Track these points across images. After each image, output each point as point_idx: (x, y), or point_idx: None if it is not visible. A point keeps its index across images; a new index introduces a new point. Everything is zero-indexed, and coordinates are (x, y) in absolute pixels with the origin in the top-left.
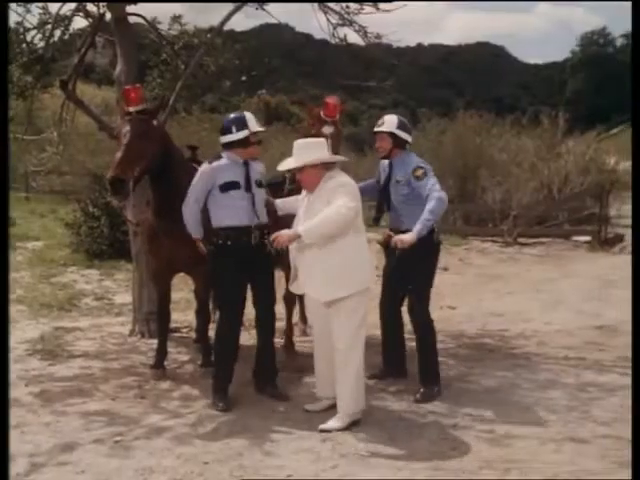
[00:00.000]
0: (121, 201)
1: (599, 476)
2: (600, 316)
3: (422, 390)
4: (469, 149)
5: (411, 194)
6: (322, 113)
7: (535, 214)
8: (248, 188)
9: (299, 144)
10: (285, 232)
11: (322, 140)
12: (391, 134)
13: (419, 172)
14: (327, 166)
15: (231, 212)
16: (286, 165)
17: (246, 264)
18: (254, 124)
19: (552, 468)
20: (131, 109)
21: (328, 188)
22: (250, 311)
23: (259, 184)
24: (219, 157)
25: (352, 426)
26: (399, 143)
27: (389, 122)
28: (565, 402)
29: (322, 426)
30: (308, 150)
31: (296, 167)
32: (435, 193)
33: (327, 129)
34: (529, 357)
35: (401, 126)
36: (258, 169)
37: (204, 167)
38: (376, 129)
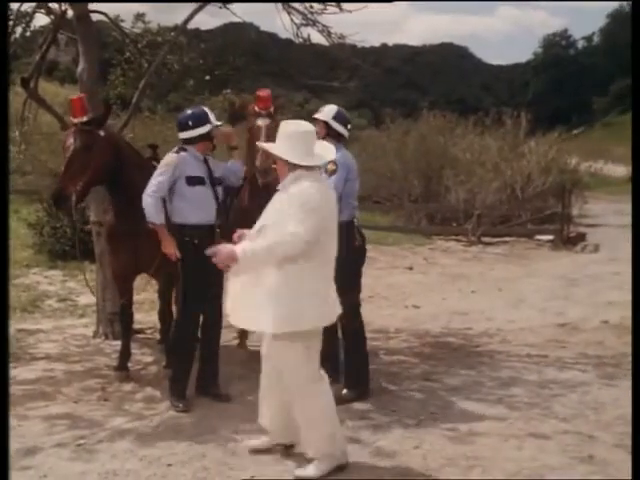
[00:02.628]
0: (65, 215)
1: (560, 471)
2: (562, 314)
3: (343, 391)
4: (433, 149)
5: None
6: (256, 107)
7: (498, 213)
8: (212, 184)
9: (287, 130)
10: (226, 249)
11: (311, 131)
12: (326, 123)
13: (331, 167)
14: (290, 166)
15: (198, 209)
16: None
17: (208, 265)
18: (214, 118)
19: (514, 464)
20: (75, 120)
21: (289, 193)
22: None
23: (219, 182)
24: (183, 149)
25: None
26: (332, 134)
27: (327, 111)
28: (527, 399)
29: (298, 472)
30: (288, 140)
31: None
32: None
33: (262, 121)
34: (492, 355)
35: (337, 117)
36: (214, 166)
37: (169, 157)
38: (314, 115)
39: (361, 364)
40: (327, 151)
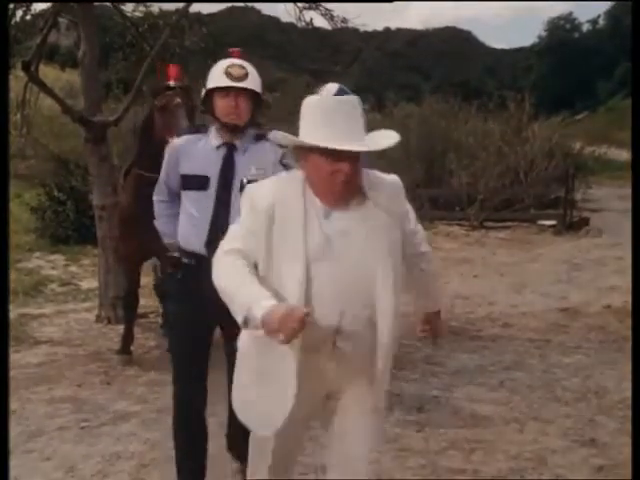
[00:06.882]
0: None
1: (561, 454)
2: (565, 299)
3: None
4: (436, 133)
5: None
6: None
7: (502, 198)
8: (224, 191)
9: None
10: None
11: None
12: None
13: None
14: None
15: (187, 226)
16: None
17: (207, 305)
18: (218, 77)
19: (516, 447)
20: (174, 84)
21: (387, 194)
22: None
23: (244, 186)
24: (200, 130)
25: None
26: None
27: (327, 90)
28: (529, 383)
29: None
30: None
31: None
32: None
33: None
34: (494, 339)
35: None
36: (265, 159)
37: (171, 142)
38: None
39: None
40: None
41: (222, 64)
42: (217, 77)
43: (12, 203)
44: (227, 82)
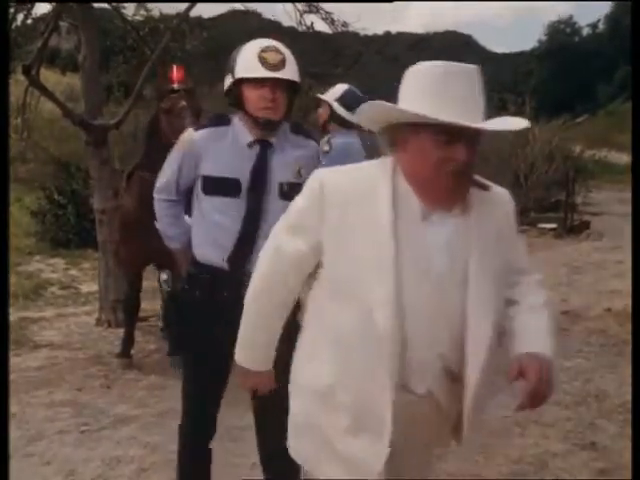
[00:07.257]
0: None
1: (562, 457)
2: (565, 302)
3: None
4: None
5: None
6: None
7: None
8: (258, 197)
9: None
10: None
11: None
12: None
13: (325, 147)
14: None
15: (208, 236)
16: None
17: (224, 326)
18: (249, 64)
19: (517, 451)
20: (178, 86)
21: (498, 210)
22: None
23: (286, 191)
24: (222, 121)
25: None
26: (336, 118)
27: (333, 91)
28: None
29: None
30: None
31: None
32: None
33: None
34: None
35: (343, 100)
36: (307, 158)
37: (184, 135)
38: (317, 95)
39: None
40: None
41: (253, 47)
42: (249, 64)
43: (12, 207)
44: (262, 72)
